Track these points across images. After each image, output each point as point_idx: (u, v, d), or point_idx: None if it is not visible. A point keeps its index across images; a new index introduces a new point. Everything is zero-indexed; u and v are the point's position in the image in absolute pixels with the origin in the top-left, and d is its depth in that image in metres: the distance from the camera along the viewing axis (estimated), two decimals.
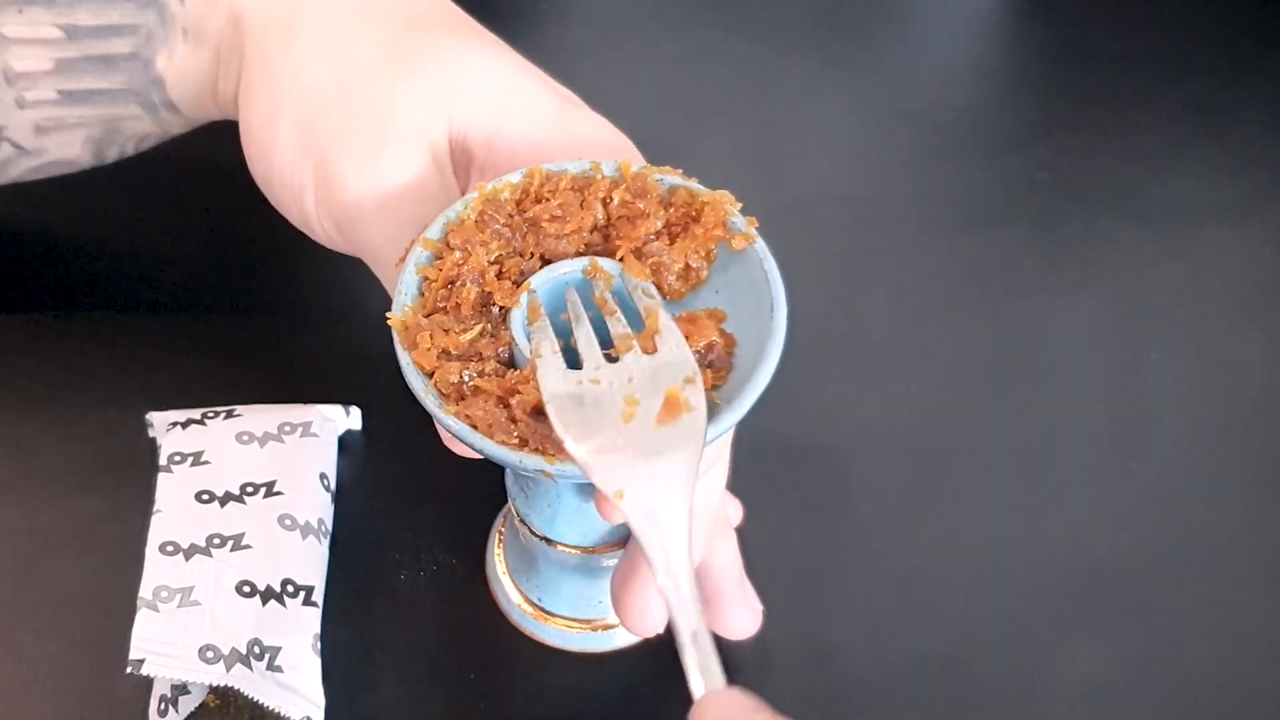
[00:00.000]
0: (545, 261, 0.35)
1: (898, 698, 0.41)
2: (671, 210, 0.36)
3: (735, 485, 0.45)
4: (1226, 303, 0.53)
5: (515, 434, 0.31)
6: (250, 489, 0.41)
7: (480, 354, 0.33)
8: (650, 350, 0.32)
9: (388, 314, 0.34)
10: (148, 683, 0.38)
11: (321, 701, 0.38)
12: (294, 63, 0.40)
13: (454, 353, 0.33)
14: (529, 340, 0.33)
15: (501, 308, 0.34)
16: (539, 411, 0.32)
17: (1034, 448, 0.48)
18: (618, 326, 0.31)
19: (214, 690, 0.38)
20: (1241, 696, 0.41)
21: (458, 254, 0.34)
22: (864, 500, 0.46)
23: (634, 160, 0.38)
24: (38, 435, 0.45)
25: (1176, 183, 0.58)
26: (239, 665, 0.37)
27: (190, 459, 0.42)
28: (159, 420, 0.44)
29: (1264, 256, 0.55)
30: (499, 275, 0.35)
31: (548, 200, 0.36)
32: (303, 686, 0.38)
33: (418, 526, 0.44)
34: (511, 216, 0.36)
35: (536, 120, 0.39)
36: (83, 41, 0.41)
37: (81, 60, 0.41)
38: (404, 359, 0.33)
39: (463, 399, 0.32)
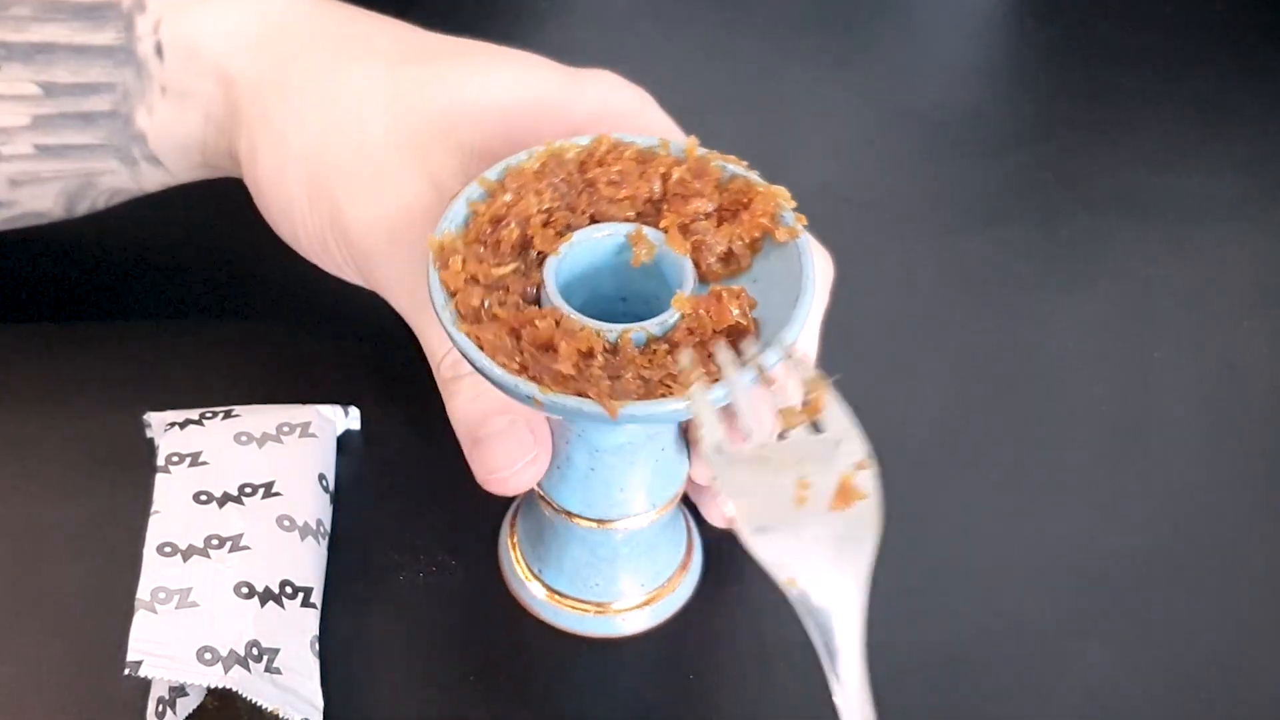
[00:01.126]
0: (594, 221, 0.37)
1: (899, 699, 0.40)
2: (725, 195, 0.37)
3: None
4: (1231, 302, 0.53)
5: (517, 360, 0.33)
6: (249, 489, 0.41)
7: (507, 288, 0.35)
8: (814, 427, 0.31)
9: (430, 234, 0.35)
10: (146, 684, 0.38)
11: (320, 703, 0.38)
12: (292, 119, 0.40)
13: (482, 281, 0.34)
14: (561, 294, 0.35)
15: (540, 253, 0.36)
16: (547, 348, 0.33)
17: (1037, 448, 0.47)
18: (782, 400, 0.31)
19: (212, 692, 0.37)
20: (1248, 699, 0.41)
21: (509, 195, 0.36)
22: None
23: (652, 110, 0.40)
24: (36, 436, 0.45)
25: (1180, 181, 0.57)
26: (237, 667, 0.37)
27: (188, 459, 0.42)
28: (157, 421, 0.44)
29: (1268, 255, 0.55)
30: (545, 224, 0.36)
31: (609, 166, 0.37)
32: (301, 688, 0.38)
33: (417, 527, 0.44)
34: (571, 175, 0.37)
35: (548, 110, 0.39)
36: (61, 98, 0.41)
37: (59, 117, 0.41)
38: (433, 276, 0.34)
39: (479, 323, 0.33)
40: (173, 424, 0.43)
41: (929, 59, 0.64)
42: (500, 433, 0.37)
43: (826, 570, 0.27)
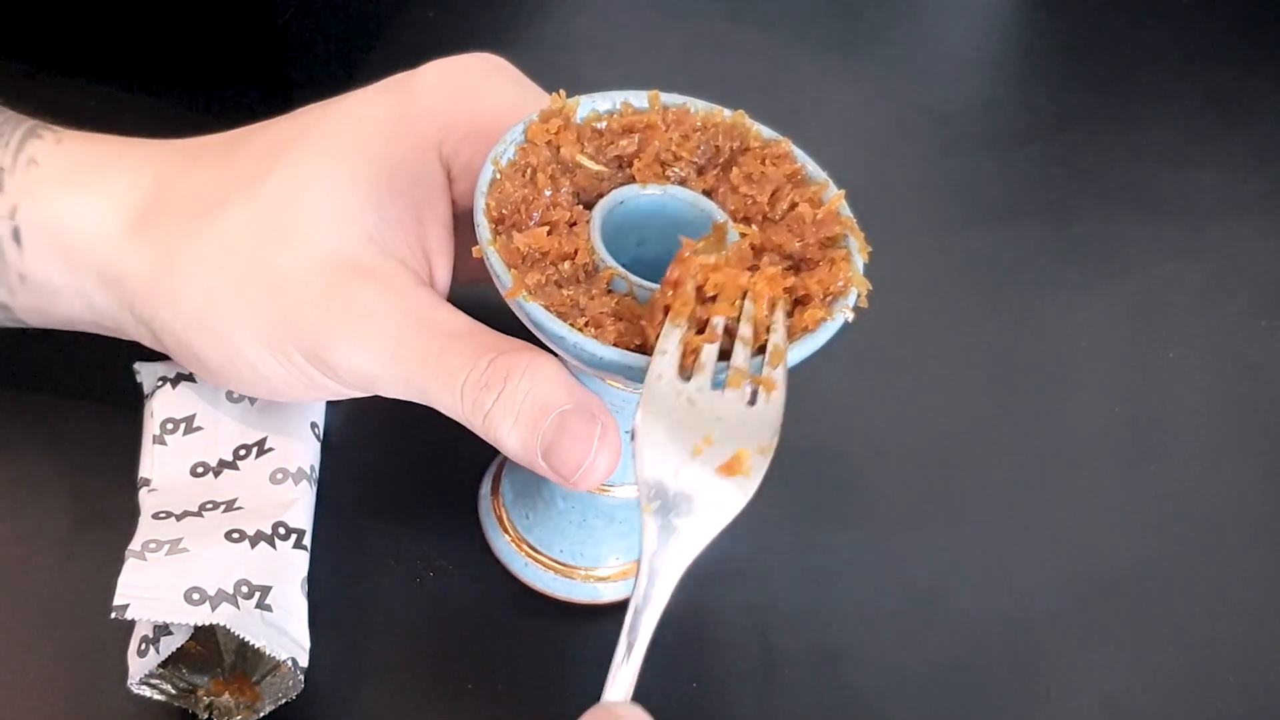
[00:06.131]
0: (707, 194, 0.36)
1: (907, 706, 0.40)
2: (820, 253, 0.35)
3: None
4: (1246, 300, 0.52)
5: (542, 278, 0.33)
6: (243, 451, 0.40)
7: (574, 175, 0.35)
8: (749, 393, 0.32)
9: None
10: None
11: (307, 643, 0.37)
12: (201, 299, 0.38)
13: (562, 154, 0.35)
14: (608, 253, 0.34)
15: (631, 175, 0.36)
16: (560, 284, 0.33)
17: (1048, 449, 0.47)
18: (740, 359, 0.31)
19: (196, 635, 0.36)
20: (1260, 707, 0.40)
21: (659, 122, 0.37)
22: (874, 504, 0.45)
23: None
24: (23, 438, 0.44)
25: (1194, 177, 0.57)
26: (225, 604, 0.36)
27: (183, 426, 0.41)
28: (147, 371, 0.43)
29: None
30: (661, 161, 0.36)
31: (763, 165, 0.37)
32: (289, 626, 0.37)
33: (404, 477, 0.43)
34: (722, 147, 0.37)
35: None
36: None
37: None
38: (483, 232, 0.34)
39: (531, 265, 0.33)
40: (164, 378, 0.42)
41: (939, 52, 0.64)
42: (565, 421, 0.34)
43: (679, 517, 0.30)
